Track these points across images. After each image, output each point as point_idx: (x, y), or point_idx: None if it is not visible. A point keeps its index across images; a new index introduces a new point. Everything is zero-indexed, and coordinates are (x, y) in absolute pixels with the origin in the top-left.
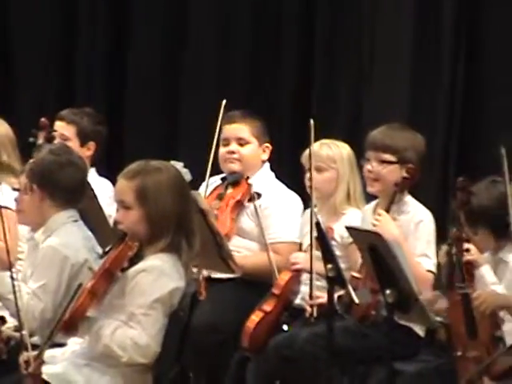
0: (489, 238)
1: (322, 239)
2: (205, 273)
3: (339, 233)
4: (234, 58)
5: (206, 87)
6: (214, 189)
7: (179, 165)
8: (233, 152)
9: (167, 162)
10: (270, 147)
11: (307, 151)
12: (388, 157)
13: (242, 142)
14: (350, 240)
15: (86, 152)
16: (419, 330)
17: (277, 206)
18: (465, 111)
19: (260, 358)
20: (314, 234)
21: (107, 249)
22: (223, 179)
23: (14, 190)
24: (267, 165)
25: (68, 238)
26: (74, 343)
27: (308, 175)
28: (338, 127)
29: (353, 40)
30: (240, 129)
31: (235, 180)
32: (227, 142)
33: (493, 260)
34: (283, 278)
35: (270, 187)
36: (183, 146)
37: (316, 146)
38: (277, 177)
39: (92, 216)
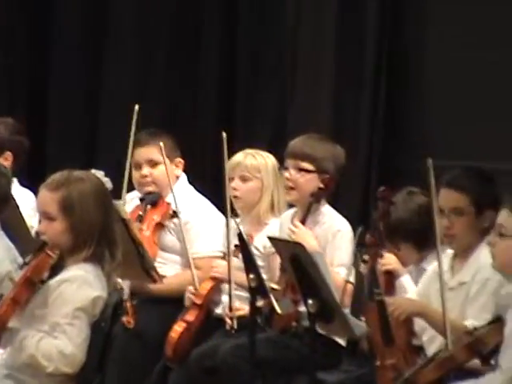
0: (411, 250)
1: (244, 249)
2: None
3: (262, 243)
4: (155, 70)
5: (125, 96)
6: (133, 210)
7: (100, 173)
8: (146, 176)
9: (89, 172)
10: (183, 161)
11: (230, 161)
12: (306, 165)
13: (153, 163)
14: (273, 250)
15: (4, 162)
16: (341, 340)
17: (197, 220)
18: (388, 121)
19: (182, 368)
20: (235, 243)
21: (27, 259)
22: (141, 200)
23: None
24: (184, 178)
25: None
26: None
27: (231, 185)
28: (262, 138)
29: (275, 50)
30: (149, 151)
31: (153, 200)
32: (139, 166)
33: (416, 270)
34: (204, 287)
35: (188, 201)
36: (103, 153)
37: (240, 156)
38: (200, 190)
39: (14, 226)
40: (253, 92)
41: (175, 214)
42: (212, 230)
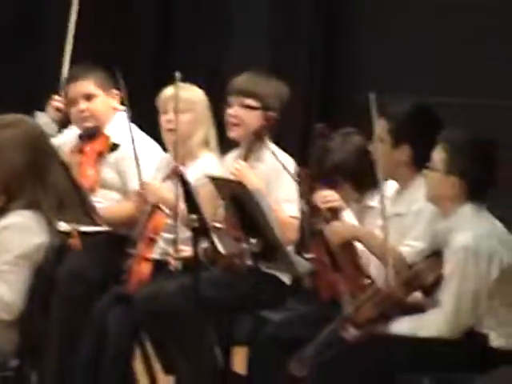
0: (350, 191)
1: (186, 189)
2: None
3: (193, 177)
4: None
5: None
6: (73, 146)
7: (44, 116)
8: (83, 110)
9: (21, 116)
10: (119, 93)
11: (164, 94)
12: (251, 102)
13: (88, 97)
14: (201, 183)
15: None
16: (285, 278)
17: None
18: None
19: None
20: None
21: None
22: (80, 136)
23: None
24: (121, 115)
25: None
26: None
27: (165, 118)
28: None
29: None
30: (83, 85)
31: (92, 133)
32: (75, 102)
33: (358, 208)
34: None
35: (126, 136)
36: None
37: (170, 89)
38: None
39: None
40: (190, 33)
41: (115, 147)
42: (150, 164)
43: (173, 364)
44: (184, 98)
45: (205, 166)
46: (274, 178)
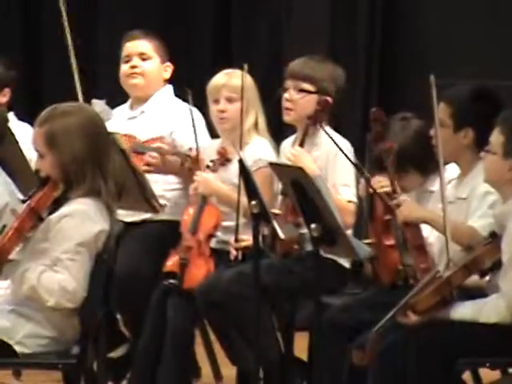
0: (414, 176)
1: (246, 176)
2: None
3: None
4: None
5: (120, 19)
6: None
7: (100, 102)
8: (135, 66)
9: (81, 104)
10: (172, 67)
11: (215, 82)
12: (306, 86)
13: (144, 57)
14: (256, 168)
15: (2, 98)
16: (345, 263)
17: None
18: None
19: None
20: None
21: (30, 193)
22: None
23: None
24: (170, 87)
25: None
26: None
27: (215, 107)
28: (259, 64)
29: None
30: (141, 44)
31: None
32: (129, 59)
33: (418, 193)
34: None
35: (171, 109)
36: (104, 82)
37: (223, 78)
38: None
39: (13, 162)
40: (249, 19)
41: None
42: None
43: (237, 354)
44: (235, 86)
45: (257, 150)
46: (331, 162)
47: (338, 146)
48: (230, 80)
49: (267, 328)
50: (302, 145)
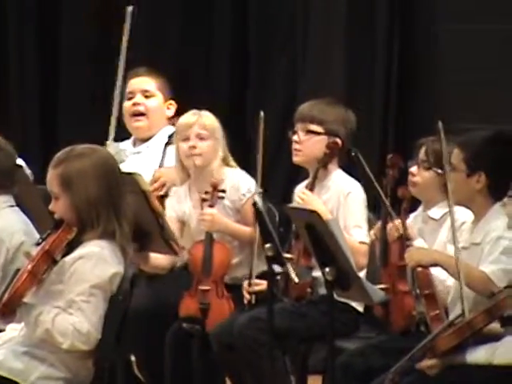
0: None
1: (260, 218)
2: None
3: (230, 198)
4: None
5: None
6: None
7: (114, 145)
8: (138, 104)
9: (95, 146)
10: (175, 105)
11: (185, 121)
12: (314, 127)
13: (147, 94)
14: (242, 202)
15: None
16: (358, 306)
17: None
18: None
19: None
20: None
21: (44, 235)
22: None
23: None
24: (172, 129)
25: (3, 223)
26: (12, 330)
27: (186, 144)
28: (274, 112)
29: (287, 13)
30: (145, 81)
31: None
32: (132, 95)
33: (421, 217)
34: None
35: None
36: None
37: (193, 117)
38: None
39: (29, 202)
40: (264, 67)
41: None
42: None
43: None
44: (206, 125)
45: (239, 182)
46: (343, 203)
47: (370, 177)
48: (200, 119)
49: (281, 372)
50: (312, 188)
